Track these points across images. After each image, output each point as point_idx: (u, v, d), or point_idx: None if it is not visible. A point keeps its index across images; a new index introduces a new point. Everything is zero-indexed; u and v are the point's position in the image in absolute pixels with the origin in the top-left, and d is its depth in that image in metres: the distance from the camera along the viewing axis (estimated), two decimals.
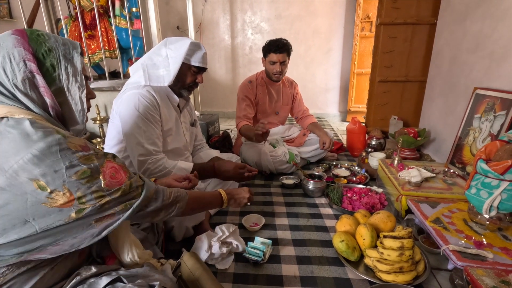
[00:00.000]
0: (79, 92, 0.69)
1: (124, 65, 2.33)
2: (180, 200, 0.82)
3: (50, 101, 0.64)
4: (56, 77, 0.66)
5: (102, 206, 0.62)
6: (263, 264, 1.10)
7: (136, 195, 0.69)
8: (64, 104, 0.68)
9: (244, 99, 2.06)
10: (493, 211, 0.99)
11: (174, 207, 0.80)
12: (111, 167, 0.65)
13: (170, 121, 1.28)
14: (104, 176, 0.62)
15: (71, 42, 0.69)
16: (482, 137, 1.44)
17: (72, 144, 0.59)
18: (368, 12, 3.36)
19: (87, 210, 0.60)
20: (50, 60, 0.65)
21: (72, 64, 0.68)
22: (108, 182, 0.63)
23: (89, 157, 0.61)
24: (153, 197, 0.74)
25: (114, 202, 0.64)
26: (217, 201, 1.02)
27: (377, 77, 2.43)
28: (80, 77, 0.69)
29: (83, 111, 0.71)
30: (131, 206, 0.67)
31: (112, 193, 0.63)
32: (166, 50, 1.20)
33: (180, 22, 3.81)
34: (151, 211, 0.74)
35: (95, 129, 2.40)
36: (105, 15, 2.20)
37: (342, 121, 3.89)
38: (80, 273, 0.66)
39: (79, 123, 0.72)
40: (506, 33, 1.41)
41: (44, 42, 0.65)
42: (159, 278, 0.69)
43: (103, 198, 0.62)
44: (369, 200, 1.50)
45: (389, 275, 0.98)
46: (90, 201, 0.60)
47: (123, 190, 0.65)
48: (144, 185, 0.71)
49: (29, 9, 2.25)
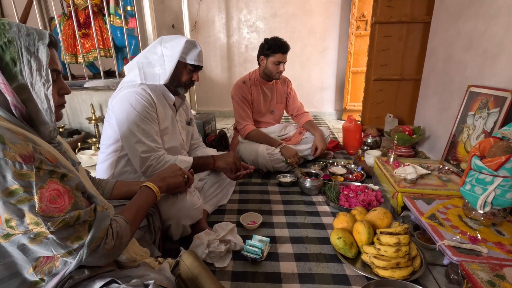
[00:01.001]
0: (44, 89, 0.61)
1: (119, 64, 2.31)
2: (123, 234, 0.69)
3: (11, 99, 0.58)
4: (18, 72, 0.59)
5: (37, 238, 0.53)
6: (261, 261, 1.11)
7: (82, 234, 0.58)
8: (29, 102, 0.61)
9: (242, 100, 2.05)
10: (487, 206, 1.00)
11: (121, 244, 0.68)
12: (53, 189, 0.55)
13: (166, 120, 1.27)
14: (41, 198, 0.52)
15: (37, 32, 0.61)
16: (476, 134, 1.46)
17: (10, 153, 0.51)
18: (363, 11, 3.37)
19: (16, 236, 0.52)
20: (10, 53, 0.57)
21: (36, 57, 0.60)
22: (44, 206, 0.53)
23: (25, 172, 0.52)
24: (104, 237, 0.62)
25: (53, 236, 0.54)
26: (151, 198, 0.89)
27: (373, 75, 2.44)
28: (46, 72, 0.61)
29: (50, 109, 0.63)
30: (77, 252, 0.57)
31: (49, 222, 0.53)
32: (162, 49, 1.19)
33: (175, 21, 3.79)
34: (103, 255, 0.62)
35: (91, 129, 2.38)
36: (100, 14, 2.18)
37: (338, 119, 3.91)
38: (73, 277, 0.62)
39: (47, 123, 0.63)
40: (499, 31, 1.43)
41: (3, 32, 0.57)
42: (154, 277, 0.68)
43: (37, 226, 0.53)
44: (365, 198, 1.51)
45: (386, 271, 0.99)
46: (20, 226, 0.52)
47: (65, 221, 0.55)
48: (94, 221, 0.61)
49: (22, 7, 2.21)
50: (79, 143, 2.19)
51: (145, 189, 0.90)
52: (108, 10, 2.10)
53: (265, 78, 2.09)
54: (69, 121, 2.41)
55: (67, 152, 0.74)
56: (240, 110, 2.05)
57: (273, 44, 1.93)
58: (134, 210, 0.80)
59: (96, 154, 2.02)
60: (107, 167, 1.23)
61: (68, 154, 0.74)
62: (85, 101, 2.31)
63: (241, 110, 2.05)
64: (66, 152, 0.73)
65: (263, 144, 1.96)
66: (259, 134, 2.04)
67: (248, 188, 1.77)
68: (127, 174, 1.24)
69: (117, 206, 0.91)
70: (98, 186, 0.98)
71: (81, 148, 2.15)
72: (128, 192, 0.98)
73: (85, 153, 2.07)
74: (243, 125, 2.04)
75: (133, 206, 0.82)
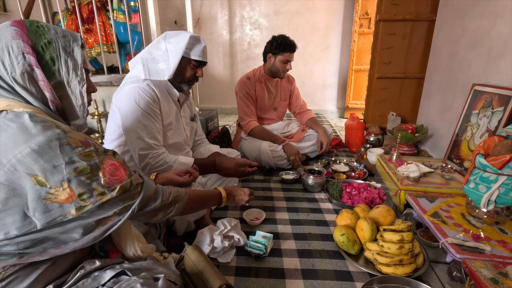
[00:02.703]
0: (79, 86, 0.67)
1: (122, 60, 2.31)
2: (179, 200, 0.80)
3: (49, 95, 0.63)
4: (56, 71, 0.64)
5: (103, 204, 0.61)
6: (264, 257, 1.11)
7: (136, 194, 0.67)
8: (64, 98, 0.67)
9: (246, 96, 2.05)
10: (491, 205, 1.00)
11: (173, 207, 0.79)
12: (111, 164, 0.63)
13: (170, 115, 1.27)
14: (104, 173, 0.61)
15: (71, 34, 0.67)
16: (480, 133, 1.46)
17: (72, 139, 0.58)
18: (367, 8, 3.36)
19: (88, 207, 0.59)
20: (49, 53, 0.63)
21: (72, 57, 0.66)
22: (108, 179, 0.61)
23: (89, 153, 0.60)
24: (153, 196, 0.72)
25: (114, 200, 0.62)
26: (216, 200, 1.01)
27: (376, 73, 2.44)
28: (81, 71, 0.67)
29: (84, 106, 0.69)
30: (130, 207, 0.66)
31: (112, 191, 0.62)
32: (166, 44, 1.19)
33: (178, 17, 3.78)
34: (150, 211, 0.72)
35: (93, 124, 2.38)
36: (103, 9, 2.18)
37: (340, 117, 3.90)
38: (84, 267, 0.65)
39: (79, 118, 0.70)
40: (504, 30, 1.43)
41: (43, 34, 0.63)
42: (163, 271, 0.69)
43: (103, 196, 0.60)
44: (368, 195, 1.51)
45: (389, 268, 0.99)
46: (90, 198, 0.59)
47: (123, 187, 0.64)
48: (143, 183, 0.70)
49: (25, 2, 2.21)
50: None
51: (218, 192, 1.02)
52: (111, 6, 2.09)
53: (270, 75, 2.09)
54: None
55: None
56: (244, 106, 2.05)
57: (282, 42, 1.92)
58: (198, 195, 0.92)
59: None
60: None
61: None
62: None
63: (245, 106, 2.05)
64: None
65: (265, 141, 1.97)
66: (263, 130, 2.04)
67: (251, 184, 1.77)
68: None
69: None
70: None
71: None
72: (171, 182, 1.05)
73: None
74: (247, 121, 2.04)
75: (199, 192, 0.96)
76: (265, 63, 2.07)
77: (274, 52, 1.96)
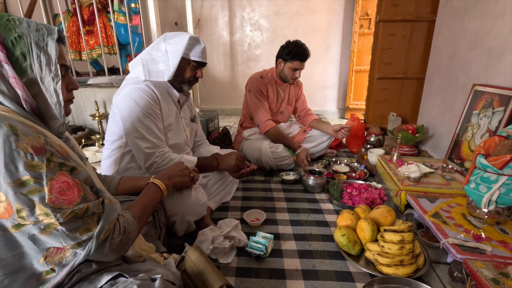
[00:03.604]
0: (53, 83, 0.62)
1: (123, 61, 2.32)
2: (131, 230, 0.69)
3: (22, 93, 0.59)
4: (28, 67, 0.59)
5: (46, 229, 0.54)
6: (265, 258, 1.11)
7: (91, 226, 0.59)
8: (39, 96, 0.62)
9: (260, 94, 2.00)
10: (491, 205, 1.00)
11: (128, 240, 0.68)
12: (63, 181, 0.56)
13: (170, 116, 1.27)
14: (50, 190, 0.54)
15: (46, 28, 0.62)
16: (481, 133, 1.46)
17: (22, 144, 0.52)
18: (367, 9, 3.36)
19: (27, 227, 0.53)
20: (20, 48, 0.58)
21: (45, 52, 0.61)
22: (54, 198, 0.54)
23: (36, 164, 0.53)
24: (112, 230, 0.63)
25: (62, 227, 0.55)
26: (158, 195, 0.90)
27: (376, 74, 2.44)
28: (55, 67, 0.62)
29: (59, 104, 0.64)
30: (86, 245, 0.58)
31: (58, 213, 0.54)
32: (165, 45, 1.19)
33: (178, 18, 3.79)
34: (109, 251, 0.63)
35: (94, 126, 2.39)
36: (104, 11, 2.19)
37: (341, 118, 3.90)
38: (81, 270, 0.63)
39: (57, 117, 0.64)
40: (504, 30, 1.43)
41: (13, 28, 0.58)
42: (161, 271, 0.69)
43: (46, 217, 0.53)
44: (368, 196, 1.51)
45: (389, 268, 0.99)
46: (30, 217, 0.53)
47: (74, 213, 0.56)
48: (103, 213, 0.62)
49: (26, 4, 2.22)
50: (83, 139, 2.20)
51: (152, 185, 0.90)
52: (112, 7, 2.10)
53: (280, 79, 2.06)
54: (73, 118, 2.42)
55: (75, 148, 0.75)
56: (258, 104, 2.00)
57: (293, 50, 1.88)
58: (142, 206, 0.80)
59: (100, 150, 2.02)
60: (111, 163, 1.24)
61: (75, 149, 0.75)
62: (89, 98, 2.32)
63: (260, 104, 2.00)
64: (74, 147, 0.74)
65: (266, 142, 1.96)
66: (279, 133, 2.01)
67: (251, 185, 1.77)
68: (131, 170, 1.25)
69: (122, 202, 0.92)
70: (103, 182, 0.98)
71: (85, 145, 2.16)
72: (134, 187, 0.99)
73: (89, 150, 2.08)
74: (263, 120, 1.99)
75: (140, 202, 0.82)
76: (276, 67, 2.03)
77: (284, 58, 1.93)
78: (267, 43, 3.77)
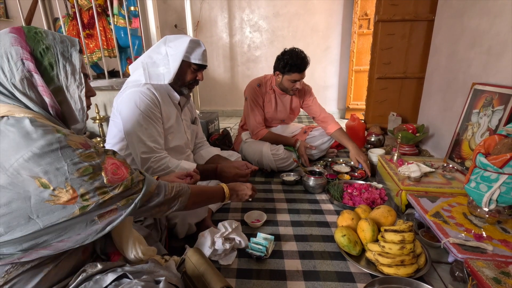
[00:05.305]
0: (78, 91, 0.68)
1: (123, 64, 2.33)
2: (182, 194, 0.82)
3: (49, 100, 0.64)
4: (55, 76, 0.65)
5: (105, 202, 0.62)
6: (266, 259, 1.11)
7: (138, 190, 0.69)
8: (64, 103, 0.68)
9: (255, 104, 1.98)
10: (492, 204, 1.00)
11: (176, 201, 0.80)
12: (112, 163, 0.65)
13: (171, 119, 1.28)
14: (106, 172, 0.62)
15: (69, 39, 0.68)
16: (481, 132, 1.46)
17: (72, 142, 0.59)
18: (366, 9, 3.36)
19: (91, 206, 0.60)
20: (48, 58, 0.64)
21: (70, 62, 0.67)
22: (110, 178, 0.63)
23: (89, 154, 0.61)
24: (155, 192, 0.74)
25: (116, 197, 0.64)
26: (219, 195, 1.01)
27: (376, 74, 2.44)
28: (79, 76, 0.68)
29: (83, 110, 0.70)
30: (133, 201, 0.67)
31: (115, 189, 0.63)
32: (166, 48, 1.20)
33: (178, 21, 3.80)
34: (154, 206, 0.74)
35: (95, 128, 2.40)
36: (103, 14, 2.20)
37: (341, 118, 3.90)
38: (86, 270, 0.66)
39: (79, 122, 0.71)
40: (503, 29, 1.43)
41: (41, 40, 0.64)
42: (164, 273, 0.70)
43: (106, 194, 0.62)
44: (369, 196, 1.51)
45: (390, 268, 0.99)
46: (93, 197, 0.60)
47: (125, 185, 0.65)
48: (145, 180, 0.71)
49: (27, 8, 2.23)
50: None
51: (221, 188, 1.03)
52: (111, 11, 2.11)
53: (281, 90, 1.98)
54: None
55: None
56: (251, 115, 1.99)
57: (289, 62, 1.76)
58: (201, 189, 0.93)
59: None
60: None
61: None
62: None
63: (253, 114, 1.99)
64: None
65: (267, 145, 1.96)
66: (273, 136, 2.02)
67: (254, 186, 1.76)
68: None
69: None
70: None
71: None
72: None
73: None
74: (255, 131, 2.00)
75: (202, 187, 0.96)
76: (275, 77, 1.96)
77: (281, 71, 1.84)
78: (267, 44, 3.79)
